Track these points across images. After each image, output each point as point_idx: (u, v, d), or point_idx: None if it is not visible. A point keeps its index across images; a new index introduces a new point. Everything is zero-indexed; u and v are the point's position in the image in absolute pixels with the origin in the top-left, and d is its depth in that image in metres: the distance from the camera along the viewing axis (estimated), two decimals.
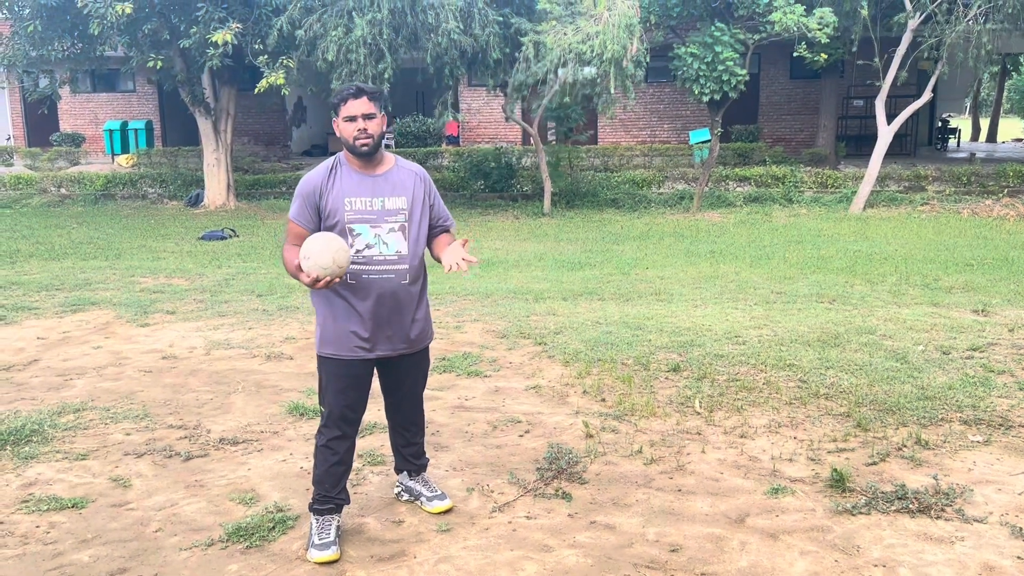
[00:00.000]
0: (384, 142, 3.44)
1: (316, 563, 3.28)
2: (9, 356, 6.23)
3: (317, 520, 3.40)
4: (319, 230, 3.29)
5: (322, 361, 3.41)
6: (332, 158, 3.40)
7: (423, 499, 3.73)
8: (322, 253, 3.09)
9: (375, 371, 3.51)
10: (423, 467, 3.79)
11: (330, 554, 3.29)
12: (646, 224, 14.53)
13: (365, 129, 3.28)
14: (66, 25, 15.92)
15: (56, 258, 11.25)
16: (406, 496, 3.79)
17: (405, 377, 3.58)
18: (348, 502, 3.52)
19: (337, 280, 3.17)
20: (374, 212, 3.32)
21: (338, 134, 3.35)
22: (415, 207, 3.40)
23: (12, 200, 18.82)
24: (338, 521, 3.45)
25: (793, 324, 6.84)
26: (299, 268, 3.17)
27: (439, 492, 3.75)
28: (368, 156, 3.34)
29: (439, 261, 3.48)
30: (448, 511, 3.68)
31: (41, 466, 4.20)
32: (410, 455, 3.74)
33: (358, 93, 3.29)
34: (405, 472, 3.78)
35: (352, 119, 3.28)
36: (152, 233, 14.23)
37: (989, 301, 7.63)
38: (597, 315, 7.29)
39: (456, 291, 8.54)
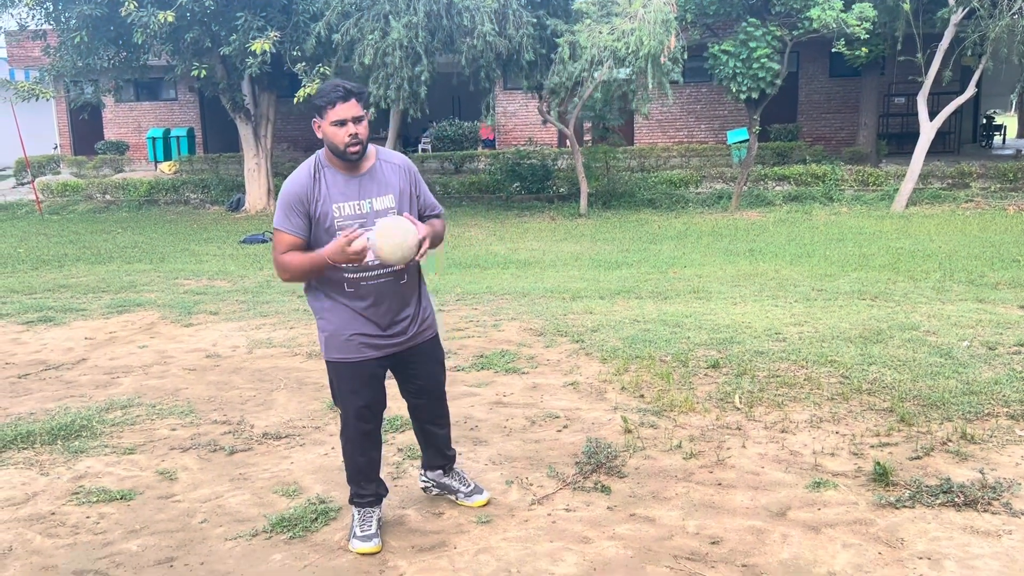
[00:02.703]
0: (421, 146, 3.35)
1: (360, 553, 3.32)
2: (58, 355, 6.38)
3: (358, 512, 3.43)
4: (311, 236, 3.19)
5: (332, 366, 3.35)
6: (311, 159, 3.25)
7: (460, 495, 3.70)
8: (390, 245, 3.06)
9: (389, 371, 3.44)
10: (453, 458, 3.72)
11: (372, 546, 3.32)
12: (683, 224, 14.45)
13: (356, 134, 3.13)
14: (111, 35, 16.28)
15: (102, 262, 11.50)
16: (436, 491, 3.75)
17: (420, 368, 3.48)
18: (386, 493, 3.54)
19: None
20: (363, 215, 3.21)
21: (321, 136, 3.19)
22: (403, 203, 3.29)
23: (59, 207, 19.28)
24: (379, 513, 3.47)
25: (834, 321, 6.76)
26: (323, 264, 3.12)
27: (474, 486, 3.73)
28: (358, 161, 3.22)
29: None
30: (486, 504, 3.69)
31: (90, 460, 4.30)
32: (441, 448, 3.66)
33: (347, 95, 3.11)
34: (440, 470, 3.71)
35: (342, 123, 3.11)
36: (194, 237, 14.48)
37: None
38: (635, 313, 7.27)
39: (493, 290, 8.57)
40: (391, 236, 3.06)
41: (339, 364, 3.32)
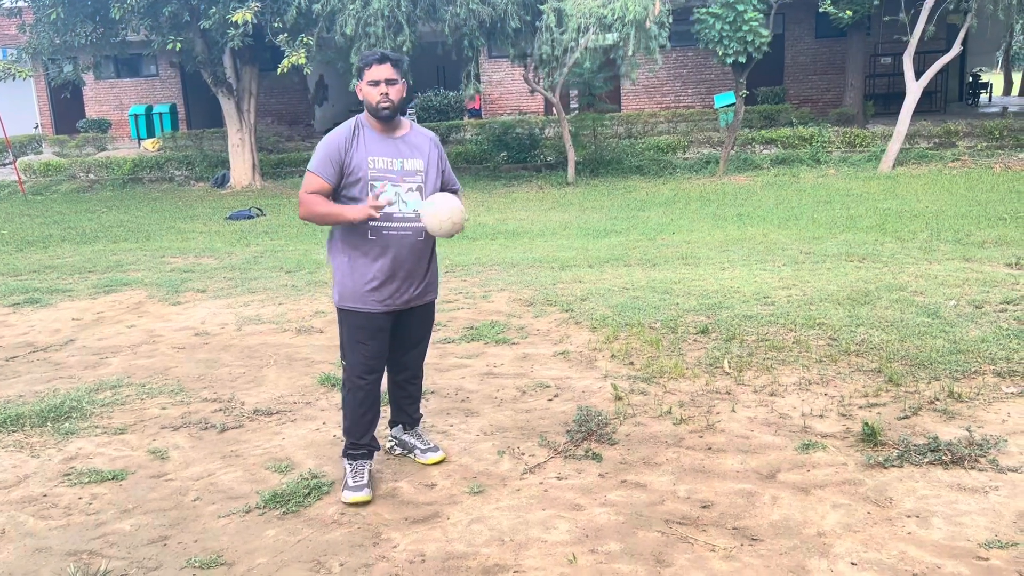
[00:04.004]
0: (406, 117, 3.59)
1: (350, 503, 3.46)
2: (46, 337, 6.35)
3: (350, 465, 3.58)
4: (339, 185, 3.48)
5: (344, 314, 3.58)
6: (353, 119, 3.56)
7: (417, 451, 3.89)
8: (437, 216, 3.41)
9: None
10: (418, 421, 3.94)
11: (363, 495, 3.48)
12: (671, 190, 14.43)
13: (387, 94, 3.45)
14: (88, 10, 16.05)
15: (87, 242, 11.42)
16: (399, 450, 3.95)
17: (416, 329, 3.74)
18: (379, 448, 3.71)
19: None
20: (394, 172, 3.50)
21: (361, 97, 3.52)
22: (430, 169, 3.59)
23: (43, 187, 19.09)
24: (370, 466, 3.63)
25: (822, 283, 6.78)
26: (341, 216, 3.41)
27: (432, 445, 3.92)
28: (388, 119, 3.51)
29: None
30: (441, 462, 3.83)
31: (81, 441, 4.29)
32: (411, 409, 3.90)
33: (382, 59, 3.46)
34: (400, 425, 3.93)
35: (376, 83, 3.45)
36: (180, 215, 14.38)
37: (1023, 254, 7.51)
38: (623, 281, 7.28)
39: (482, 261, 8.55)
40: (451, 212, 3.40)
41: (351, 313, 3.54)
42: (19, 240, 11.77)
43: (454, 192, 3.72)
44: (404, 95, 3.52)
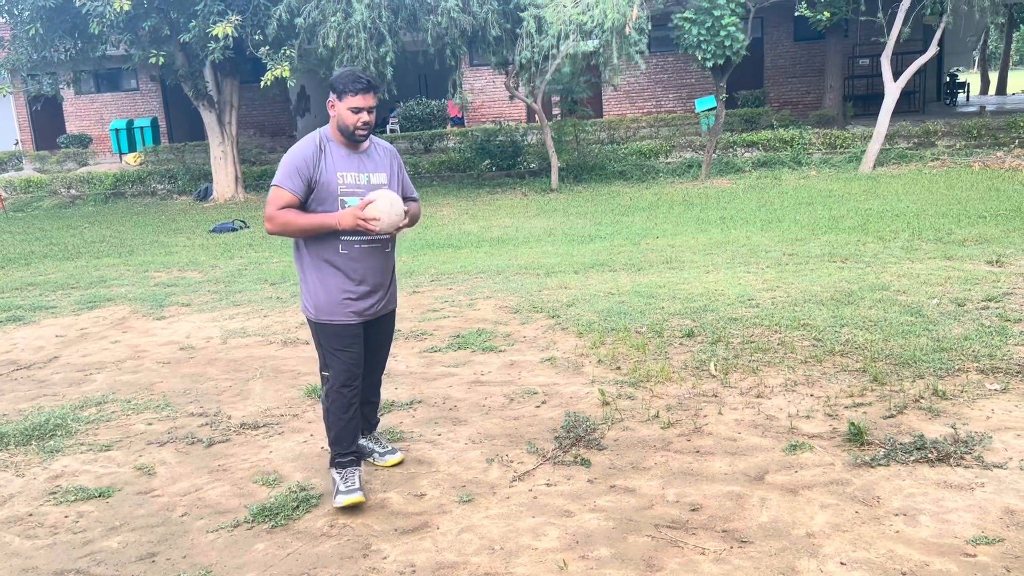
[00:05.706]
0: (389, 126, 3.64)
1: (345, 506, 3.49)
2: (29, 355, 6.30)
3: (340, 473, 3.61)
4: (306, 199, 3.50)
5: (320, 327, 3.63)
6: (316, 134, 3.59)
7: (376, 455, 3.97)
8: (389, 214, 3.42)
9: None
10: (375, 426, 4.04)
11: (356, 497, 3.52)
12: (655, 194, 14.48)
13: (368, 122, 3.54)
14: (67, 26, 15.97)
15: (70, 258, 11.34)
16: None
17: (383, 335, 3.84)
18: (364, 456, 3.81)
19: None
20: (362, 186, 3.56)
21: (335, 115, 3.54)
22: (392, 181, 3.68)
23: (24, 203, 18.96)
24: (360, 472, 3.66)
25: (806, 285, 6.82)
26: (321, 224, 3.45)
27: (390, 448, 4.02)
28: (362, 142, 3.61)
29: None
30: (399, 463, 3.93)
31: (66, 458, 4.26)
32: (370, 415, 3.99)
33: (368, 88, 3.50)
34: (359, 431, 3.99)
35: (358, 111, 3.50)
36: (163, 228, 14.31)
37: (1003, 252, 7.58)
38: (609, 286, 7.29)
39: (468, 269, 8.55)
40: (389, 203, 3.44)
41: (329, 325, 3.61)
42: (1, 258, 11.67)
43: (413, 200, 3.80)
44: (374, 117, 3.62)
